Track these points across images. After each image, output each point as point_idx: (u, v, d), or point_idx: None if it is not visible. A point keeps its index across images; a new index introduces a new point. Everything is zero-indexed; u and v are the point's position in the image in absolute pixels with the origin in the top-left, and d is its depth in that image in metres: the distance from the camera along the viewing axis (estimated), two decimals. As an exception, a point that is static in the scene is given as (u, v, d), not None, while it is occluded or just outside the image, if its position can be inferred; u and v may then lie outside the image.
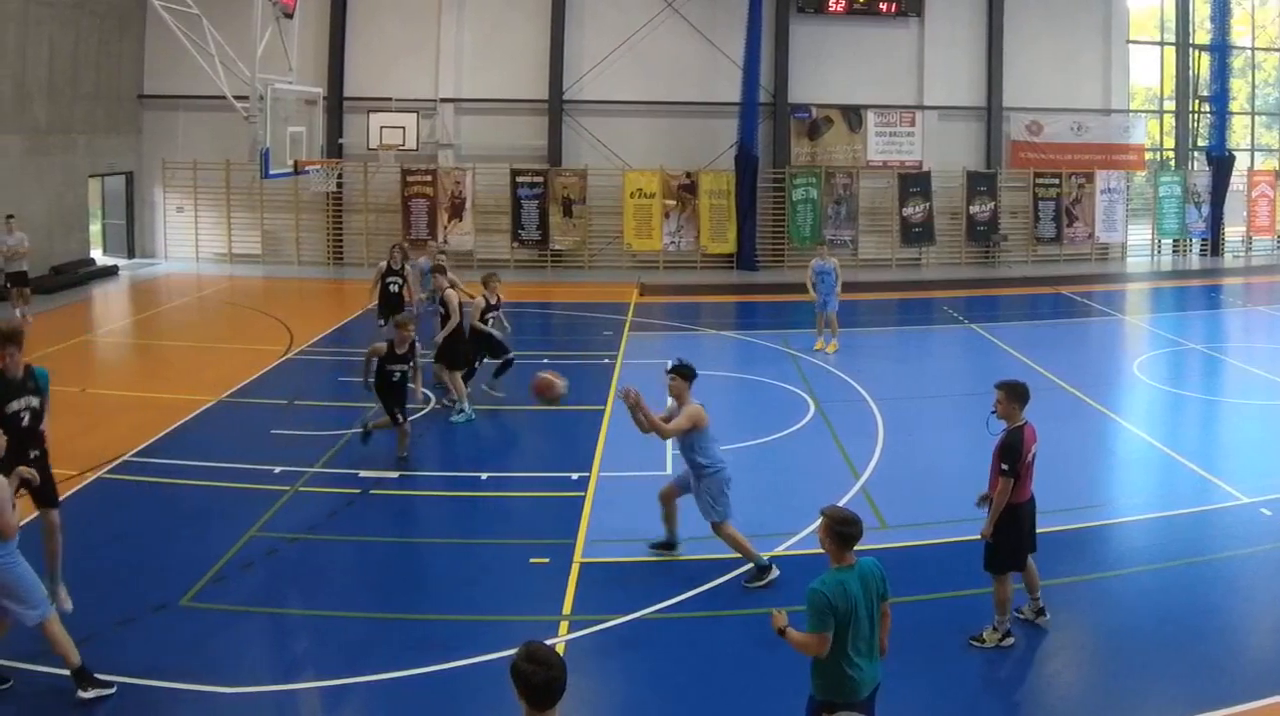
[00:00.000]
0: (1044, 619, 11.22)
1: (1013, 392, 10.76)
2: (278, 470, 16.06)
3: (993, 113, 40.96)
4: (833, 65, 39.87)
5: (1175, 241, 43.18)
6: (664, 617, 11.55)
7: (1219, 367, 24.65)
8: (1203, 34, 42.91)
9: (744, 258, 38.85)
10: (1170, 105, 44.45)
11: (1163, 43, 43.97)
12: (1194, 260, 42.84)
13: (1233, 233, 43.14)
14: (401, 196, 38.52)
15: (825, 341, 24.79)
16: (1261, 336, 28.75)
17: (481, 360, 20.23)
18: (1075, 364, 23.61)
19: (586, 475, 16.07)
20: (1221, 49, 41.68)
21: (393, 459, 16.78)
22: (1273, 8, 45.28)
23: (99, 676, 9.70)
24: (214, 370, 22.67)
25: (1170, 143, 44.54)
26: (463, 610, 11.72)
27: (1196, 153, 43.46)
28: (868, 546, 7.78)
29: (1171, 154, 44.32)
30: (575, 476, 15.98)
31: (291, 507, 14.73)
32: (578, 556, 13.11)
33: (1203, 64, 42.79)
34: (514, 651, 5.78)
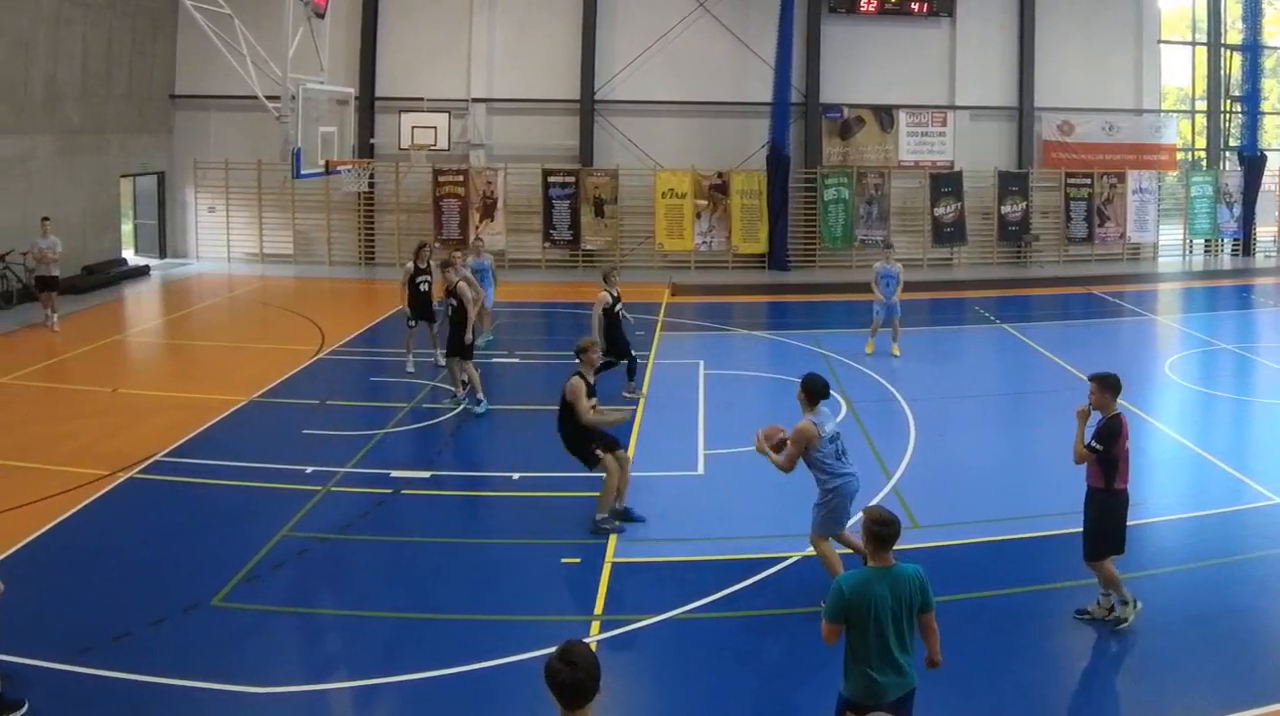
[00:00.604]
0: (1127, 610, 11.23)
1: (1105, 384, 11.53)
2: (309, 470, 16.08)
3: (1024, 113, 40.72)
4: (864, 65, 39.69)
5: (1207, 241, 42.81)
6: (696, 617, 11.50)
7: (1251, 368, 24.46)
8: (1234, 34, 42.50)
9: (776, 258, 38.75)
10: (1202, 105, 44.05)
11: (1194, 42, 43.59)
12: (1225, 260, 42.46)
13: (1264, 232, 42.74)
14: (433, 196, 38.57)
15: (876, 345, 24.47)
16: (1294, 336, 28.51)
17: (609, 366, 19.56)
18: (1107, 364, 22.97)
19: (618, 475, 16.00)
20: (1253, 49, 41.28)
21: (425, 460, 16.84)
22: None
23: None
24: (245, 370, 22.74)
25: (1202, 143, 44.15)
26: (494, 610, 11.70)
27: (1228, 153, 43.07)
28: (899, 546, 7.69)
29: (1203, 154, 43.91)
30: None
31: (323, 508, 14.75)
32: (609, 556, 13.09)
33: (1234, 64, 42.42)
34: (546, 651, 5.78)
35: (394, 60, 38.95)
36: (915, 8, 39.46)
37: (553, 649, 5.79)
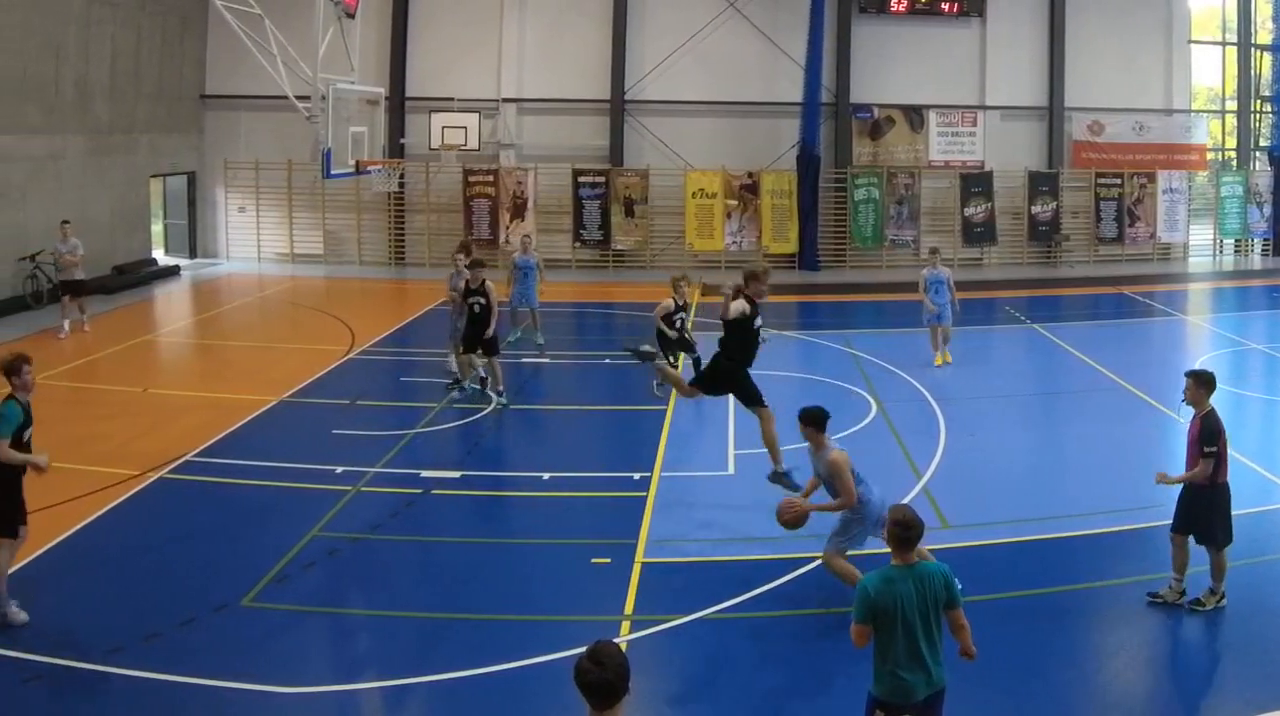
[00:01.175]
0: (1212, 600, 11.32)
1: (1199, 380, 11.89)
2: (339, 470, 16.10)
3: (1054, 113, 40.55)
4: (894, 65, 39.60)
5: (1237, 241, 42.54)
6: (725, 617, 11.47)
7: (1280, 368, 24.32)
8: (1264, 34, 42.24)
9: (806, 258, 38.72)
10: (1232, 105, 43.71)
11: (1224, 43, 43.30)
12: (1256, 260, 42.22)
13: (1294, 233, 42.51)
14: (463, 196, 38.66)
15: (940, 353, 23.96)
16: (1324, 336, 28.27)
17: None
18: (1137, 364, 23.32)
19: (648, 475, 15.98)
20: (1284, 49, 41.15)
21: (454, 460, 16.86)
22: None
23: None
24: (276, 370, 22.80)
25: (1232, 143, 43.85)
26: (524, 610, 11.68)
27: (1258, 153, 42.85)
28: (928, 546, 7.65)
29: (1233, 154, 43.62)
30: (637, 476, 15.90)
31: (353, 508, 14.75)
32: (639, 556, 13.06)
33: (1264, 64, 42.20)
34: (576, 651, 5.76)
35: (424, 60, 39.05)
36: (945, 8, 39.34)
37: (583, 649, 5.78)
